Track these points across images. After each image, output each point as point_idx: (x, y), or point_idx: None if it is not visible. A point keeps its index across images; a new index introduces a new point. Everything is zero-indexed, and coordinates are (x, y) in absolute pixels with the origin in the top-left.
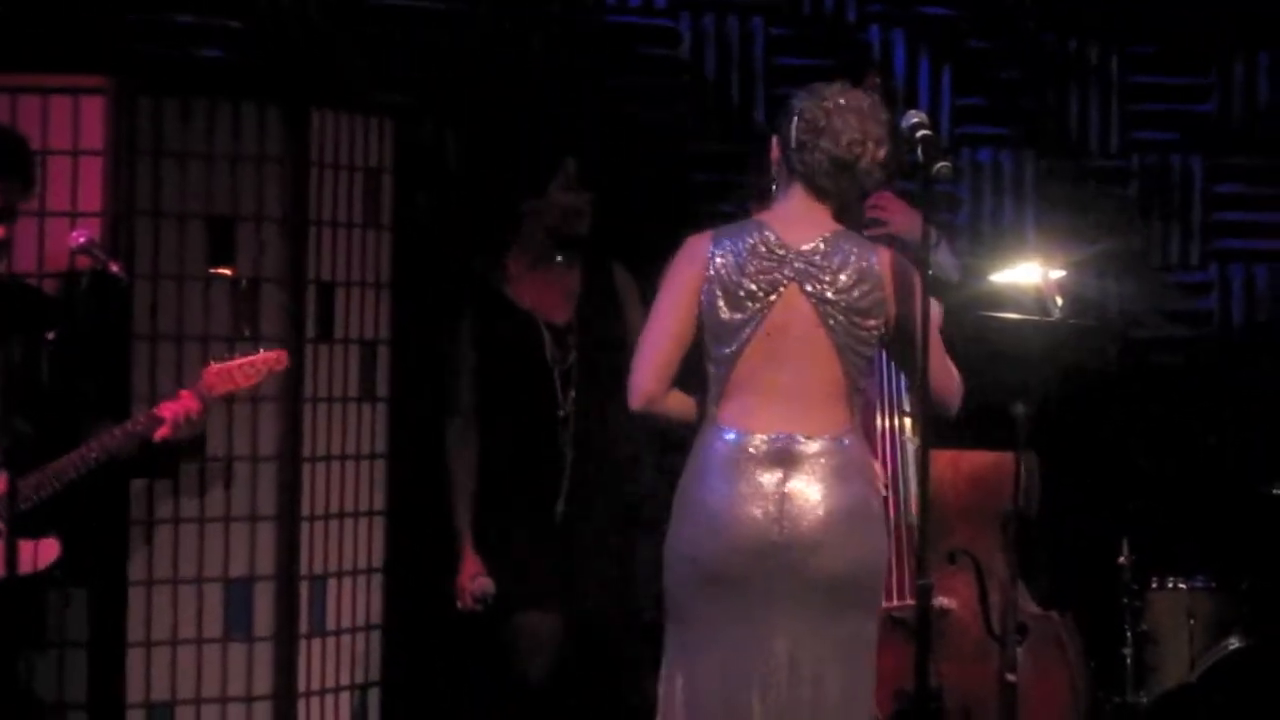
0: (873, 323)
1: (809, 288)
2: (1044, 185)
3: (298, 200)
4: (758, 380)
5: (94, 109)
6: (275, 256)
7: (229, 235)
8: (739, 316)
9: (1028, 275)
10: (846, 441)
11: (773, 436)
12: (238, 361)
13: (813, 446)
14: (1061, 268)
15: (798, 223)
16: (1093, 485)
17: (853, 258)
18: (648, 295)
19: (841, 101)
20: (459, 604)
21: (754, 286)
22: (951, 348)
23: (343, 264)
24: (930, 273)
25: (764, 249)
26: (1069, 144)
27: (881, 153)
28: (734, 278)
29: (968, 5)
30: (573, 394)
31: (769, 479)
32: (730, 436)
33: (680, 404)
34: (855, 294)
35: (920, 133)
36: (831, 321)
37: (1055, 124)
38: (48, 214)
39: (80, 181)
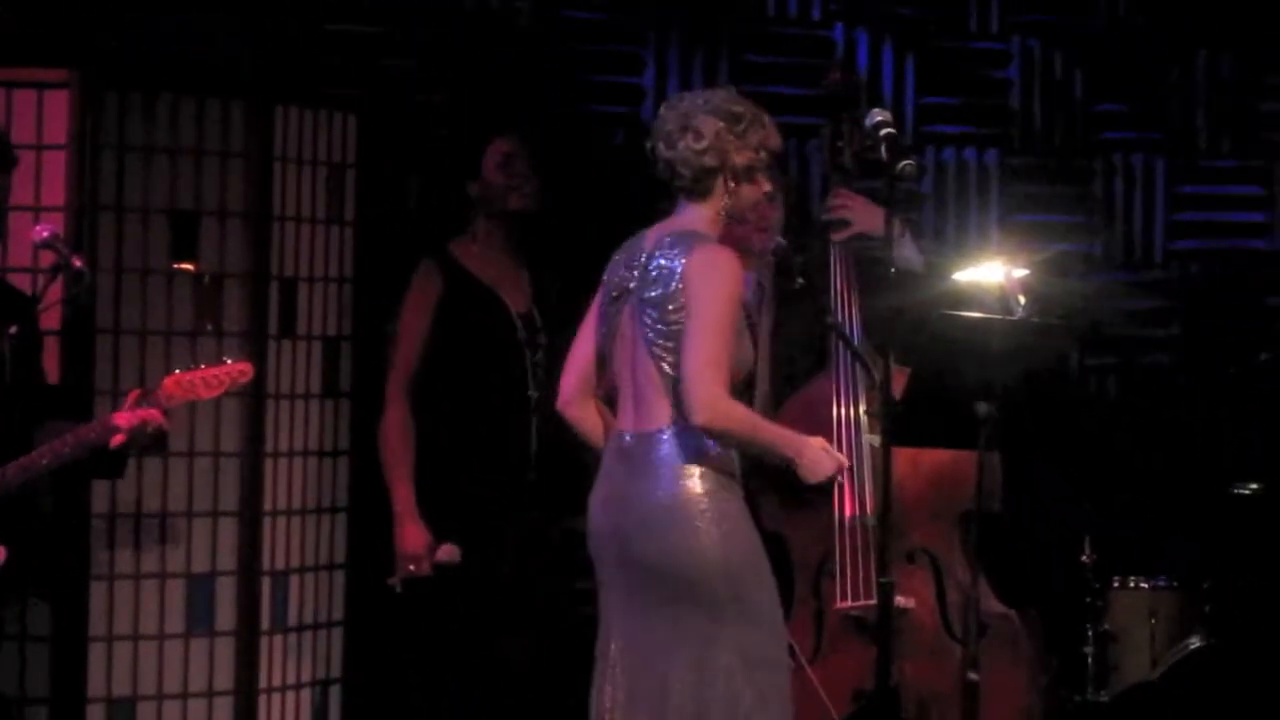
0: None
1: (633, 288)
2: (1008, 184)
3: (261, 195)
4: (620, 380)
5: (58, 103)
6: (238, 252)
7: (192, 230)
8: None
9: (991, 274)
10: (664, 435)
11: (618, 434)
12: (201, 373)
13: (635, 441)
14: (1024, 266)
15: (661, 226)
16: (1054, 484)
17: (667, 257)
18: None
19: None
20: (411, 569)
21: (614, 292)
22: (914, 345)
23: (306, 259)
24: (894, 268)
25: (624, 254)
26: (1033, 143)
27: (689, 139)
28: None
29: (933, 4)
30: (541, 389)
31: (611, 471)
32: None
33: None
34: (658, 290)
35: (884, 131)
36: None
37: (1019, 123)
38: (11, 208)
39: (44, 176)
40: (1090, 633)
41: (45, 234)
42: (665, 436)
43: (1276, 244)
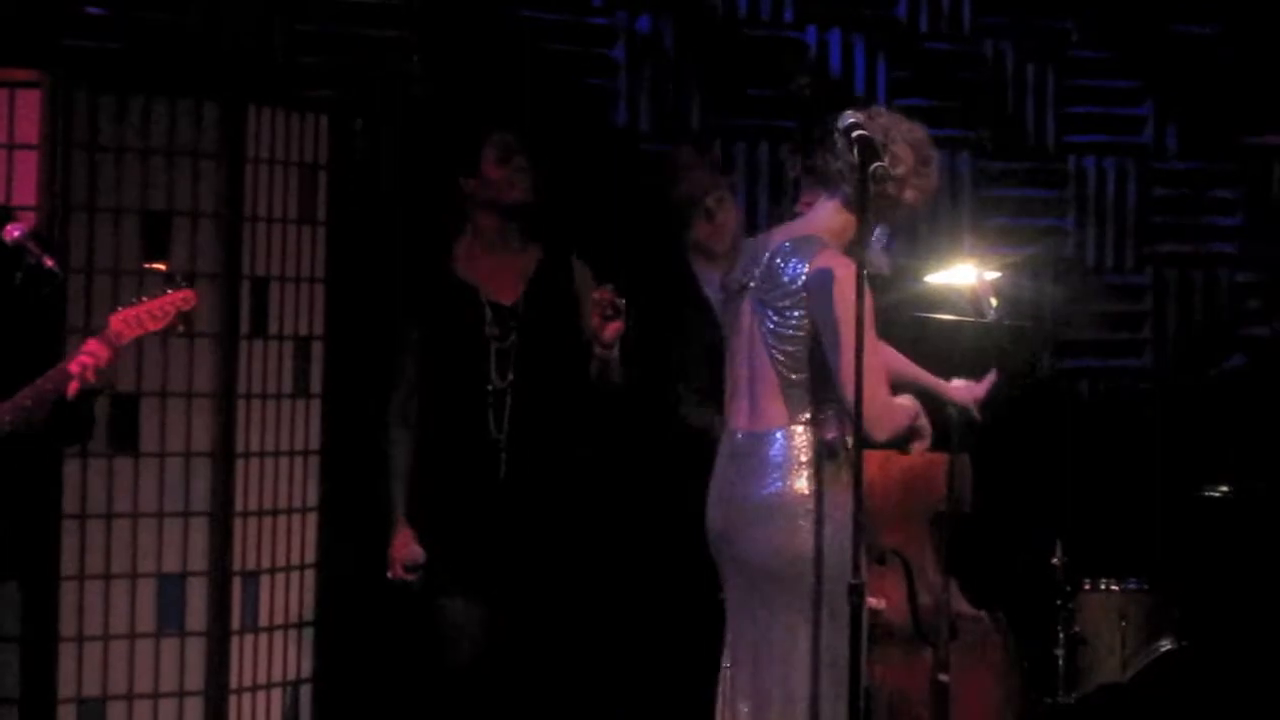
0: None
1: (753, 287)
2: (980, 187)
3: (233, 196)
4: (731, 378)
5: (30, 103)
6: (210, 252)
7: (164, 230)
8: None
9: (963, 276)
10: (777, 435)
11: (730, 432)
12: (145, 305)
13: (747, 440)
14: (996, 269)
15: (789, 227)
16: (1026, 486)
17: (788, 260)
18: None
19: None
20: (389, 573)
21: (734, 287)
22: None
23: (277, 259)
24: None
25: (747, 253)
26: (1005, 145)
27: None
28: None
29: (906, 5)
30: (510, 374)
31: (724, 471)
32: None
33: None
34: (779, 293)
35: (857, 133)
36: (766, 320)
37: (991, 125)
38: None
39: (15, 176)
40: (1061, 635)
41: (17, 233)
42: (778, 436)
43: (1248, 248)
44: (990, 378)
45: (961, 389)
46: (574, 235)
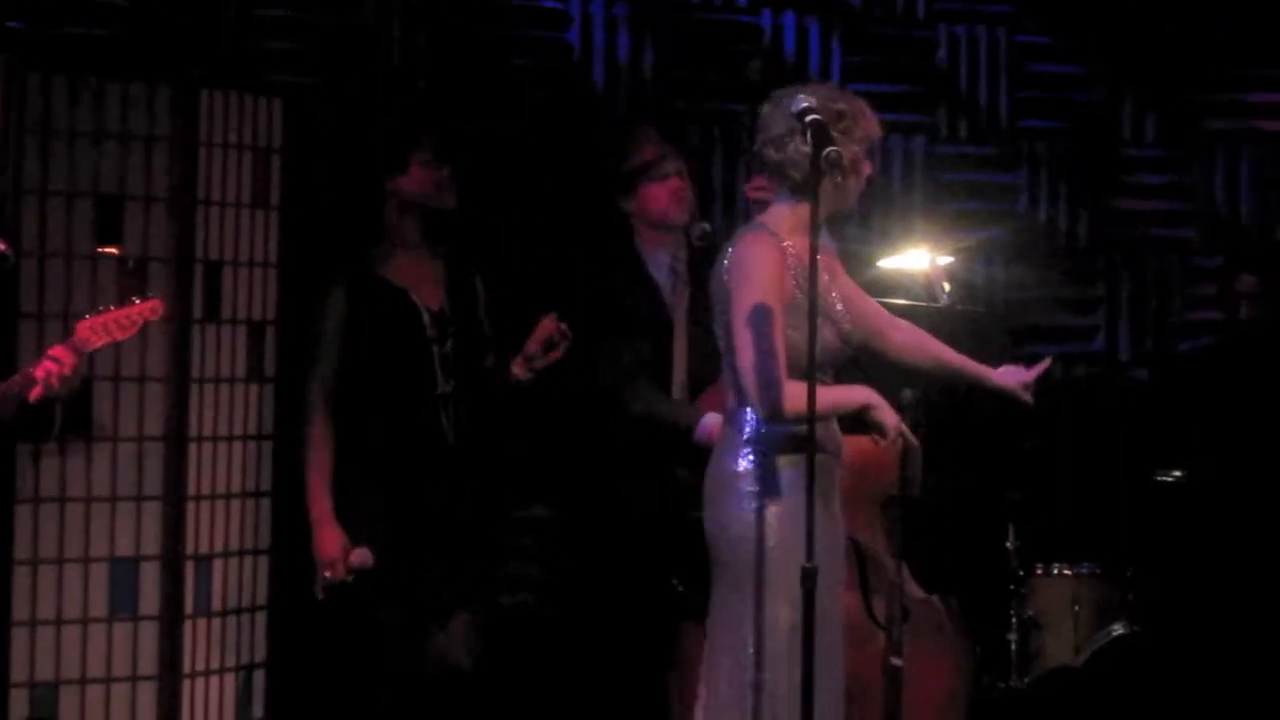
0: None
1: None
2: (934, 171)
3: (186, 179)
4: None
5: None
6: (163, 235)
7: (117, 214)
8: None
9: (916, 261)
10: (734, 416)
11: None
12: (113, 314)
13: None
14: (949, 254)
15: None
16: (979, 471)
17: (727, 248)
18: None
19: None
20: (327, 575)
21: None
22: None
23: (230, 244)
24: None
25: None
26: (959, 130)
27: (798, 141)
28: None
29: None
30: (453, 380)
31: None
32: None
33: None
34: (716, 281)
35: (810, 118)
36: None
37: (946, 110)
38: None
39: None
40: (1014, 619)
41: None
42: (734, 418)
43: (1200, 233)
44: (1043, 364)
45: (1009, 374)
46: (476, 242)
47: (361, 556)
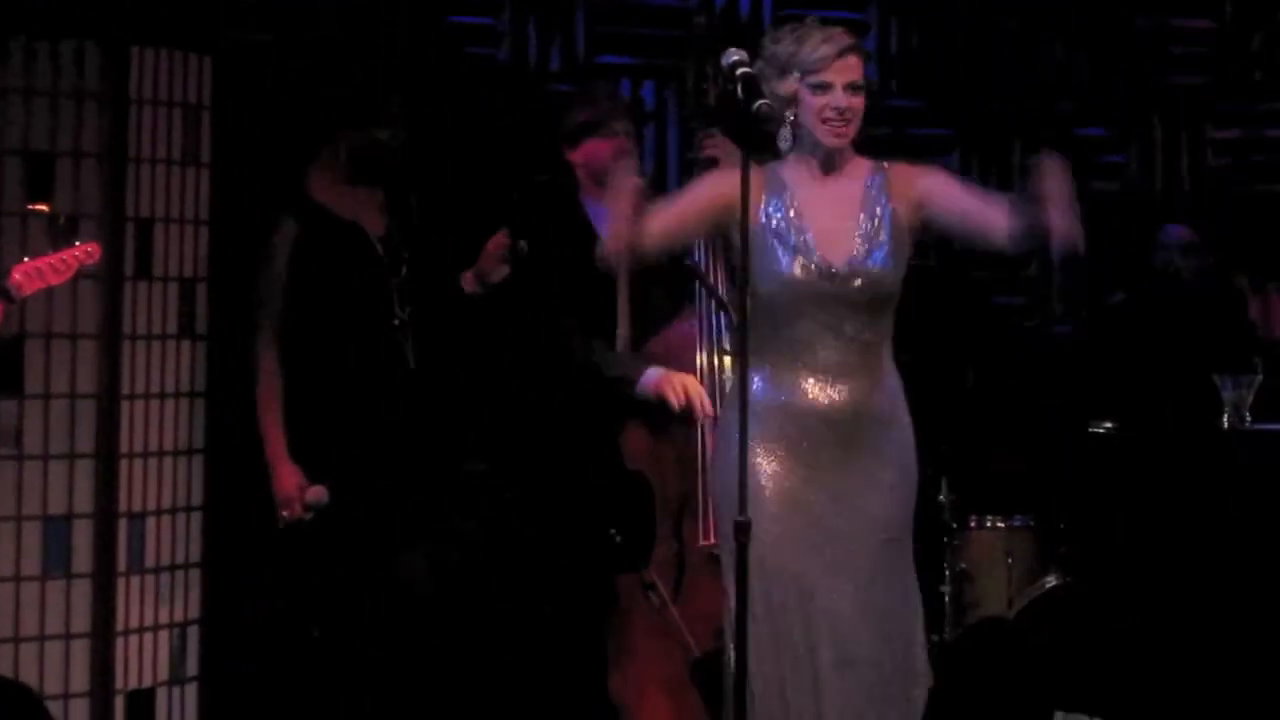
0: None
1: None
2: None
3: (116, 136)
4: None
5: None
6: (94, 193)
7: (47, 171)
8: None
9: None
10: None
11: None
12: (47, 258)
13: None
14: None
15: None
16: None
17: None
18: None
19: None
20: (285, 513)
21: None
22: None
23: (162, 201)
24: None
25: None
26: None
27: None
28: None
29: None
30: (408, 307)
31: None
32: None
33: None
34: None
35: (741, 70)
36: None
37: (878, 89)
38: None
39: None
40: (947, 572)
41: None
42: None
43: (1130, 186)
44: None
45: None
46: (415, 171)
47: (317, 494)
